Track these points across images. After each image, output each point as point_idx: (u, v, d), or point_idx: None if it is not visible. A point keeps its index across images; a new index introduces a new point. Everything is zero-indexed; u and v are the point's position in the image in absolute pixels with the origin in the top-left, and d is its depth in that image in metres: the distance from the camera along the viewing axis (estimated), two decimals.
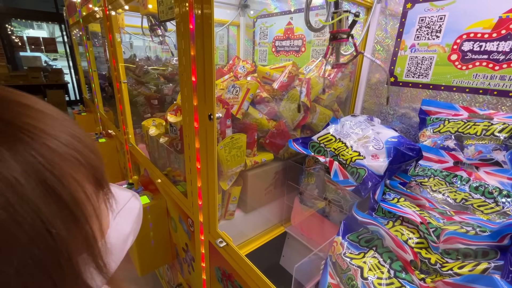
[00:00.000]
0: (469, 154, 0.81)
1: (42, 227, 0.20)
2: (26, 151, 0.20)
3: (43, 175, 0.20)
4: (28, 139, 0.21)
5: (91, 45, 2.18)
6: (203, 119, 0.71)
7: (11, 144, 0.20)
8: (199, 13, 0.61)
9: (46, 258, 0.20)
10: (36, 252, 0.19)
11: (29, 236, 0.19)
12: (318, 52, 1.42)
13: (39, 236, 0.19)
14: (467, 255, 0.53)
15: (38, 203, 0.20)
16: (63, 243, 0.21)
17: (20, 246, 0.19)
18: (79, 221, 0.23)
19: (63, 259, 0.21)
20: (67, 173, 0.23)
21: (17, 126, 0.21)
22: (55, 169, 0.21)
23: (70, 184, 0.23)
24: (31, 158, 0.20)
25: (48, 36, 7.21)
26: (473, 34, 0.87)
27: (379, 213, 0.68)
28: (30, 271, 0.19)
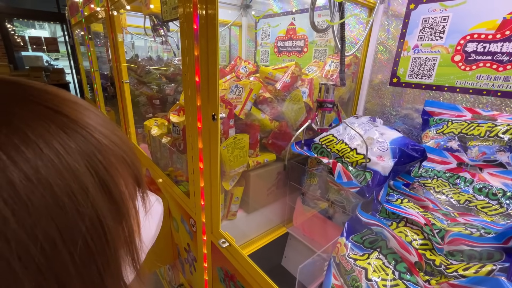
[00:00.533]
0: (473, 155, 0.81)
1: (96, 219, 0.21)
2: (88, 147, 0.22)
3: (98, 168, 0.22)
4: (90, 137, 0.22)
5: (93, 45, 2.18)
6: (206, 119, 0.71)
7: (77, 139, 0.21)
8: (203, 14, 0.61)
9: (96, 247, 0.21)
10: (89, 241, 0.21)
11: (86, 225, 0.20)
12: (320, 52, 1.42)
13: (94, 226, 0.21)
14: (471, 257, 0.53)
15: (95, 196, 0.21)
16: (110, 234, 0.23)
17: (78, 234, 0.20)
18: (123, 217, 0.25)
19: (109, 250, 0.23)
20: (116, 169, 0.24)
21: (82, 125, 0.23)
22: (107, 164, 0.23)
23: (118, 179, 0.24)
24: (92, 154, 0.22)
25: (50, 36, 7.23)
26: (477, 35, 0.87)
27: (382, 214, 0.68)
28: (82, 257, 0.21)
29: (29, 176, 0.18)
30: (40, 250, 0.18)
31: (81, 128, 0.22)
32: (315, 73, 1.22)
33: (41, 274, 0.18)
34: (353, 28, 1.23)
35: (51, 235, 0.19)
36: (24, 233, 0.17)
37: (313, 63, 1.33)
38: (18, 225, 0.17)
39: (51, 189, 0.19)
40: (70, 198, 0.20)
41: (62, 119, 0.22)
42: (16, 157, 0.18)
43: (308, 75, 1.21)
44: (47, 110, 0.22)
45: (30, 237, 0.18)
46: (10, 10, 5.70)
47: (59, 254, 0.19)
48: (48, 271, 0.19)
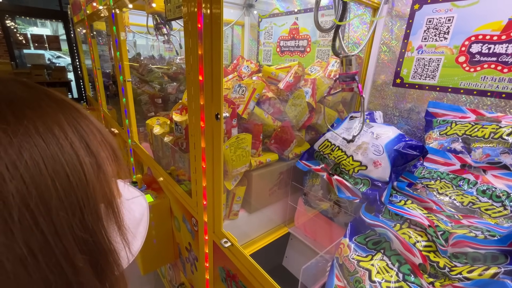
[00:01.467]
0: (477, 157, 0.81)
1: (75, 154, 0.27)
2: (71, 115, 0.29)
3: (79, 129, 0.29)
4: (74, 110, 0.30)
5: (95, 44, 2.18)
6: (209, 119, 0.70)
7: (64, 109, 0.29)
8: (208, 13, 0.61)
9: (75, 180, 0.26)
10: (68, 172, 0.26)
11: (67, 161, 0.26)
12: (323, 52, 1.41)
13: (72, 160, 0.27)
14: (476, 259, 0.53)
15: (73, 139, 0.27)
16: (88, 175, 0.28)
17: (59, 163, 0.25)
18: (101, 170, 0.30)
19: (88, 188, 0.27)
20: (96, 138, 0.30)
21: (68, 103, 0.30)
22: (90, 133, 0.30)
23: (97, 145, 0.30)
24: (73, 118, 0.29)
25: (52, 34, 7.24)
26: (482, 36, 0.87)
27: (385, 215, 0.68)
28: (65, 191, 0.25)
29: (19, 117, 0.25)
30: (24, 166, 0.23)
31: (67, 103, 0.30)
32: (318, 73, 1.21)
33: (24, 185, 0.23)
34: (356, 28, 1.23)
35: (34, 158, 0.24)
36: (11, 148, 0.23)
37: (316, 63, 1.33)
38: (7, 143, 0.23)
39: (34, 125, 0.25)
40: (52, 135, 0.26)
41: (51, 95, 0.30)
42: (15, 109, 0.25)
43: (311, 75, 1.21)
44: (43, 92, 0.29)
45: (17, 153, 0.23)
46: (12, 8, 5.70)
47: (41, 174, 0.24)
48: (31, 185, 0.23)
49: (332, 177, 0.84)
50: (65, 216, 0.25)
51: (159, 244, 1.27)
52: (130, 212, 0.37)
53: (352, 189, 0.78)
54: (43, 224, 0.24)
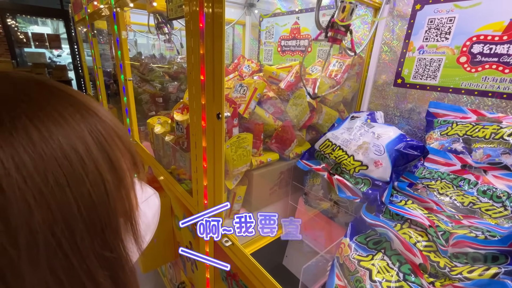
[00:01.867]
0: (477, 158, 0.81)
1: (99, 177, 0.26)
2: (96, 125, 0.28)
3: (103, 142, 0.27)
4: (98, 117, 0.28)
5: (96, 42, 2.18)
6: (211, 118, 0.71)
7: (88, 118, 0.27)
8: (209, 12, 0.61)
9: (98, 199, 0.26)
10: (92, 194, 0.25)
11: (89, 180, 0.25)
12: (324, 52, 1.42)
13: (95, 180, 0.26)
14: (476, 259, 0.53)
15: (96, 155, 0.26)
16: (111, 193, 0.27)
17: (83, 185, 0.25)
18: (122, 184, 0.29)
19: (109, 206, 0.27)
20: (117, 146, 0.29)
21: (92, 107, 0.29)
22: (111, 141, 0.28)
23: (118, 155, 0.29)
24: (97, 130, 0.28)
25: (52, 33, 7.24)
26: (483, 37, 0.87)
27: (386, 215, 0.68)
28: (86, 205, 0.25)
29: (44, 134, 0.23)
30: (50, 192, 0.23)
31: (87, 107, 0.28)
32: (319, 73, 1.21)
33: (50, 212, 0.22)
34: (357, 28, 1.23)
35: (60, 182, 0.23)
36: (37, 175, 0.22)
37: (317, 62, 1.33)
38: (33, 167, 0.22)
39: (60, 145, 0.24)
40: (76, 154, 0.25)
41: (73, 100, 0.28)
42: (34, 120, 0.23)
43: (312, 74, 1.21)
44: (63, 93, 0.28)
45: (43, 179, 0.22)
46: (13, 6, 5.71)
47: (67, 199, 0.24)
48: (57, 211, 0.23)
49: (333, 176, 0.84)
50: (88, 237, 0.25)
51: (159, 243, 1.27)
52: (143, 216, 0.37)
53: (352, 188, 0.78)
54: (67, 247, 0.24)
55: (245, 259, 0.71)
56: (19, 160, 0.21)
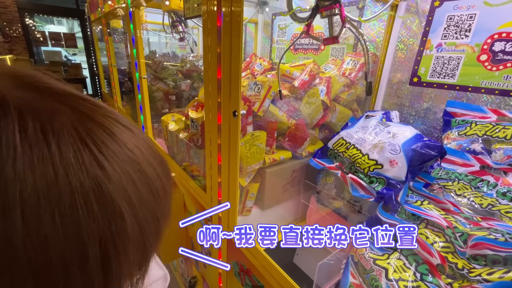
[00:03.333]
0: (497, 159, 0.79)
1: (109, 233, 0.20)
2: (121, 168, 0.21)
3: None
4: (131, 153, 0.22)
5: (111, 41, 2.24)
6: (226, 116, 0.72)
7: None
8: (228, 11, 0.62)
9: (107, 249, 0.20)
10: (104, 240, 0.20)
11: (102, 224, 0.20)
12: (338, 50, 1.40)
13: (109, 227, 0.20)
14: (495, 261, 0.52)
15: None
16: (122, 247, 0.21)
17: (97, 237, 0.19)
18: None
19: (113, 262, 0.21)
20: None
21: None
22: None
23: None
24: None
25: (68, 32, 7.43)
26: (506, 34, 0.84)
27: (401, 215, 0.67)
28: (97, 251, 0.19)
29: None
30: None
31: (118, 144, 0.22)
32: (332, 71, 1.21)
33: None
34: (372, 26, 1.21)
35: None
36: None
37: (330, 61, 1.32)
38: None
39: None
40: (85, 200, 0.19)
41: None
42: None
43: (326, 73, 1.20)
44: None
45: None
46: (31, 6, 5.89)
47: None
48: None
49: (347, 175, 0.83)
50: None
51: (172, 238, 1.30)
52: None
53: (366, 187, 0.78)
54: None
55: (259, 255, 0.72)
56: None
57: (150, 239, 0.24)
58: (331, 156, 0.97)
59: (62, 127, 0.19)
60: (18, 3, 5.59)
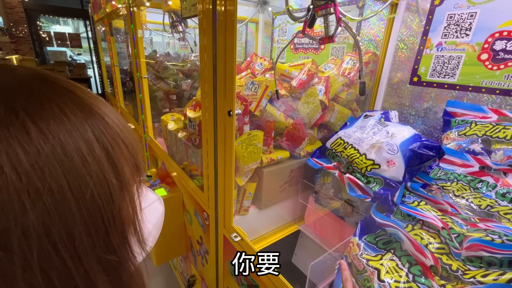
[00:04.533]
0: (497, 159, 0.77)
1: (103, 178, 0.25)
2: (99, 127, 0.26)
3: (106, 146, 0.26)
4: (102, 120, 0.27)
5: (114, 41, 2.25)
6: (222, 115, 0.72)
7: (92, 120, 0.26)
8: (222, 10, 0.62)
9: (102, 202, 0.25)
10: (96, 196, 0.24)
11: (93, 180, 0.24)
12: (338, 50, 1.39)
13: (100, 182, 0.25)
14: (491, 263, 0.51)
15: (102, 161, 0.25)
16: (115, 195, 0.26)
17: (85, 187, 0.23)
18: (126, 188, 0.28)
19: (114, 208, 0.26)
20: (121, 151, 0.28)
21: (96, 110, 0.27)
22: (115, 145, 0.27)
23: (122, 159, 0.28)
24: (101, 132, 0.26)
25: (73, 32, 7.52)
26: (507, 33, 0.83)
27: (397, 216, 0.67)
28: (89, 208, 0.24)
29: (43, 130, 0.22)
30: (48, 191, 0.21)
31: (89, 107, 0.27)
32: (332, 71, 1.20)
33: (47, 212, 0.21)
34: (373, 25, 1.20)
35: (58, 180, 0.22)
36: (34, 172, 0.21)
37: (330, 60, 1.32)
38: (29, 165, 0.20)
39: (60, 142, 0.22)
40: (78, 154, 0.23)
41: (75, 98, 0.26)
42: (33, 115, 0.22)
43: (325, 72, 1.20)
44: (65, 90, 0.27)
45: (39, 176, 0.21)
46: (37, 7, 5.98)
47: (66, 198, 0.22)
48: (54, 211, 0.21)
49: (344, 175, 0.83)
50: (88, 240, 0.24)
51: (171, 237, 1.30)
52: (146, 221, 0.36)
53: (364, 187, 0.77)
54: (64, 251, 0.22)
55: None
56: (14, 156, 0.20)
57: (136, 157, 0.30)
58: (329, 156, 0.96)
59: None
60: (24, 4, 5.67)
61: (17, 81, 0.24)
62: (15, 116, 0.21)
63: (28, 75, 0.26)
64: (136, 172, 0.31)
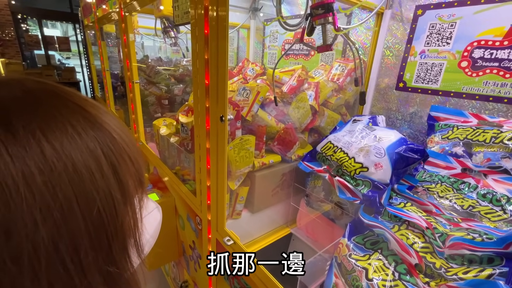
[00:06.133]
0: (478, 161, 0.81)
1: (109, 194, 0.26)
2: (105, 139, 0.27)
3: (112, 159, 0.27)
4: (107, 132, 0.28)
5: (105, 45, 2.24)
6: (214, 120, 0.73)
7: (98, 131, 0.27)
8: (214, 16, 0.63)
9: (107, 218, 0.26)
10: (101, 211, 0.25)
11: (100, 197, 0.25)
12: (327, 56, 1.43)
13: (106, 198, 0.26)
14: (472, 261, 0.54)
15: (108, 176, 0.26)
16: (119, 210, 0.27)
17: (93, 202, 0.24)
18: (129, 202, 0.29)
19: (118, 223, 0.27)
20: (125, 163, 0.29)
21: (102, 121, 0.28)
22: (120, 158, 0.28)
23: (126, 173, 0.29)
24: (107, 145, 0.27)
25: (62, 35, 7.40)
26: (484, 42, 0.88)
27: (385, 217, 0.69)
28: (94, 224, 0.25)
29: (57, 149, 0.23)
30: (58, 207, 0.22)
31: (99, 124, 0.28)
32: (321, 77, 1.23)
33: (56, 228, 0.22)
34: (360, 32, 1.25)
35: (69, 197, 0.23)
36: (46, 190, 0.21)
37: (320, 66, 1.35)
38: (42, 182, 0.21)
39: (72, 161, 0.23)
40: (87, 171, 0.24)
41: (86, 114, 0.27)
42: (48, 134, 0.23)
43: (315, 78, 1.23)
44: (77, 106, 0.28)
45: (51, 194, 0.22)
46: (24, 10, 5.87)
47: (74, 215, 0.23)
48: (63, 227, 0.22)
49: (334, 178, 0.85)
50: (92, 253, 0.25)
51: (164, 242, 1.29)
52: (144, 230, 0.36)
53: (353, 190, 0.79)
54: (69, 263, 0.23)
55: None
56: (29, 176, 0.21)
57: (140, 171, 0.31)
58: (320, 159, 0.99)
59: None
60: (11, 6, 5.56)
61: (29, 95, 0.25)
62: (32, 136, 0.22)
63: (39, 90, 0.26)
64: (139, 185, 0.32)
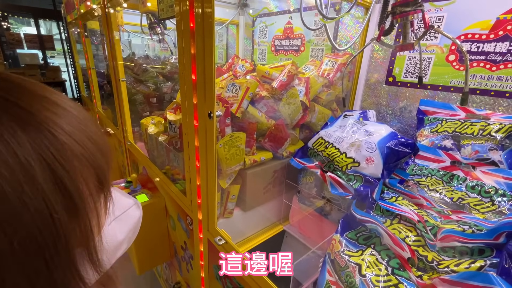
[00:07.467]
0: (466, 154, 0.82)
1: (46, 211, 0.21)
2: (43, 142, 0.22)
3: (53, 165, 0.22)
4: (47, 132, 0.23)
5: (89, 43, 2.17)
6: (203, 117, 0.71)
7: (31, 133, 0.21)
8: (199, 12, 0.61)
9: (44, 241, 0.21)
10: (36, 232, 0.20)
11: (32, 216, 0.20)
12: (317, 51, 1.43)
13: (42, 218, 0.21)
14: (463, 253, 0.54)
15: (46, 188, 0.21)
16: (63, 229, 0.22)
17: (22, 225, 0.20)
18: (80, 213, 0.25)
19: (61, 245, 0.22)
20: (75, 168, 0.24)
21: (40, 119, 0.23)
22: (65, 162, 0.23)
23: (76, 178, 0.24)
24: (46, 148, 0.22)
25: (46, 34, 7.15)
26: (471, 35, 0.88)
27: (377, 212, 0.69)
28: (26, 250, 0.20)
29: None
30: None
31: (37, 123, 0.22)
32: (311, 72, 1.22)
33: None
34: (349, 27, 1.24)
35: None
36: None
37: (310, 62, 1.34)
38: None
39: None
40: (13, 188, 0.19)
41: (16, 111, 0.22)
42: None
43: (305, 74, 1.22)
44: (4, 102, 0.22)
45: None
46: (5, 7, 5.63)
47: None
48: None
49: (326, 173, 0.84)
50: (24, 283, 0.21)
51: (154, 244, 1.27)
52: (111, 236, 0.32)
53: (345, 185, 0.79)
54: None
55: None
56: None
57: (101, 169, 0.27)
58: (311, 155, 0.98)
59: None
60: None
61: None
62: None
63: None
64: (100, 187, 0.27)
